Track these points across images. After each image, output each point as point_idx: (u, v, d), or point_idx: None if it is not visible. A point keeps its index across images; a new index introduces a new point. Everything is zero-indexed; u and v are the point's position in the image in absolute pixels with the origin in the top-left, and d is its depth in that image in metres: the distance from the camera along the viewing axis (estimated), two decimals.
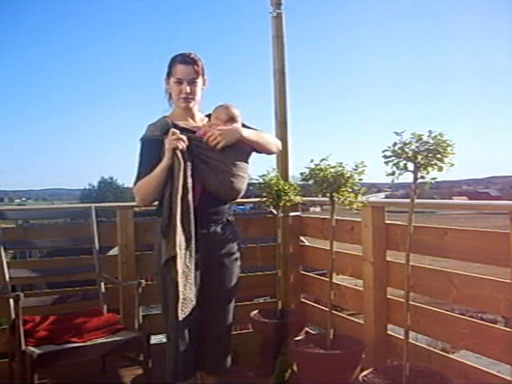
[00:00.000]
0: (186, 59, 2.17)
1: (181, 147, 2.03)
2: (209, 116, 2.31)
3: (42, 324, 2.50)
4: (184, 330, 2.09)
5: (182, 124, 2.21)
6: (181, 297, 2.00)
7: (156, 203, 2.21)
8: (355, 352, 2.41)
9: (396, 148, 1.92)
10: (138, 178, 2.15)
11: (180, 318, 2.00)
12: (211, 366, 2.23)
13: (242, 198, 2.35)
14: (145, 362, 2.44)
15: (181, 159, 2.02)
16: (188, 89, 2.17)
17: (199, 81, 2.20)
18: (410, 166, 1.92)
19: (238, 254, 2.28)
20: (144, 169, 2.14)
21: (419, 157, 1.88)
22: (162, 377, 2.28)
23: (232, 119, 2.23)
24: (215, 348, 2.22)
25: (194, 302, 2.06)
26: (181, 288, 1.99)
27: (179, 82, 2.17)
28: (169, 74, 2.22)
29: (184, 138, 2.05)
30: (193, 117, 2.28)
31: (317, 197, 2.56)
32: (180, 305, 2.00)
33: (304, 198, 3.18)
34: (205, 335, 2.19)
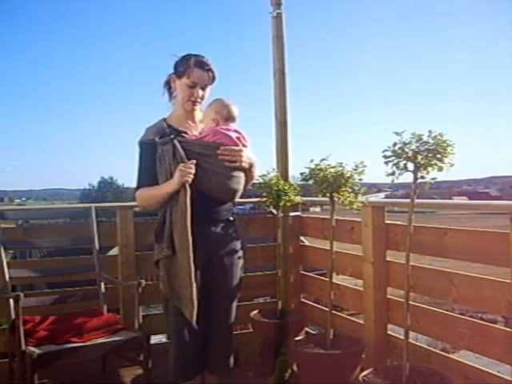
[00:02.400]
0: (204, 65, 2.19)
1: (190, 181, 2.06)
2: None
3: (42, 324, 2.50)
4: (185, 330, 2.09)
5: (177, 126, 2.22)
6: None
7: None
8: (355, 352, 2.41)
9: (396, 148, 1.92)
10: (139, 183, 2.21)
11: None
12: (214, 366, 2.23)
13: (241, 197, 2.35)
14: (145, 362, 2.44)
15: (188, 190, 2.06)
16: (201, 93, 2.20)
17: (209, 87, 2.24)
18: (410, 165, 1.92)
19: (240, 254, 2.29)
20: (144, 174, 2.20)
21: (419, 157, 1.88)
22: (162, 377, 2.29)
23: (232, 119, 2.23)
24: (218, 348, 2.22)
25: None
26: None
27: (193, 85, 2.18)
28: (181, 75, 2.19)
29: (193, 170, 2.07)
30: (193, 118, 2.28)
31: (317, 197, 2.56)
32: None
33: (304, 198, 3.18)
34: (207, 335, 2.19)
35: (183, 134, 2.20)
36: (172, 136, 2.13)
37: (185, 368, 2.12)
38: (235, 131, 2.22)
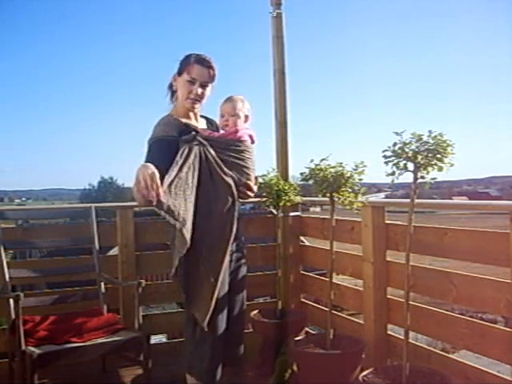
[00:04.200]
0: (204, 62, 2.16)
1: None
2: (206, 118, 2.34)
3: (42, 324, 2.50)
4: (222, 328, 2.11)
5: (190, 123, 2.21)
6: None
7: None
8: (355, 352, 2.41)
9: (396, 148, 1.92)
10: None
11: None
12: (231, 359, 2.23)
13: None
14: (145, 362, 2.44)
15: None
16: (199, 91, 2.16)
17: (210, 86, 2.21)
18: (410, 165, 1.92)
19: (245, 249, 2.35)
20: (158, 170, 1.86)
21: (419, 157, 1.88)
22: (162, 377, 2.29)
23: (247, 117, 2.28)
24: (234, 340, 2.24)
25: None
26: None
27: (192, 82, 2.15)
28: (181, 72, 2.18)
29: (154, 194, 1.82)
30: (195, 117, 2.28)
31: (317, 197, 2.56)
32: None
33: (304, 198, 3.18)
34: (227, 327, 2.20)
35: (201, 131, 2.19)
36: (194, 133, 2.11)
37: (218, 367, 2.11)
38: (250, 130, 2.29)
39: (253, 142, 2.25)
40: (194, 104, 2.19)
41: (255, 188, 2.24)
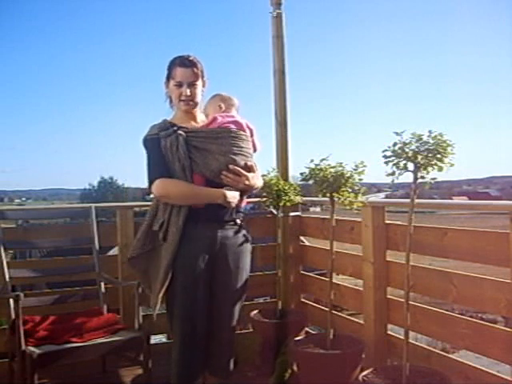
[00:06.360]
0: (185, 62, 2.17)
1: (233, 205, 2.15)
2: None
3: (42, 324, 2.50)
4: (190, 334, 2.10)
5: (180, 124, 2.22)
6: None
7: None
8: (355, 352, 2.41)
9: (396, 148, 1.92)
10: (154, 174, 2.13)
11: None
12: (215, 369, 2.23)
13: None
14: (145, 362, 2.44)
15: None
16: (188, 91, 2.17)
17: (199, 83, 2.21)
18: (410, 165, 1.92)
19: (249, 256, 2.29)
20: (157, 165, 2.13)
21: (419, 157, 1.88)
22: (162, 377, 2.29)
23: (236, 107, 2.32)
24: (220, 351, 2.22)
25: None
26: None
27: (179, 84, 2.17)
28: (168, 78, 2.22)
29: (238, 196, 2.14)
30: (194, 119, 2.28)
31: (317, 197, 2.56)
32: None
33: (304, 198, 3.18)
34: (210, 337, 2.19)
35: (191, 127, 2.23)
36: (175, 128, 2.14)
37: (189, 372, 2.12)
38: (242, 119, 2.27)
39: (243, 128, 2.24)
40: (188, 105, 2.21)
41: (243, 171, 2.13)
